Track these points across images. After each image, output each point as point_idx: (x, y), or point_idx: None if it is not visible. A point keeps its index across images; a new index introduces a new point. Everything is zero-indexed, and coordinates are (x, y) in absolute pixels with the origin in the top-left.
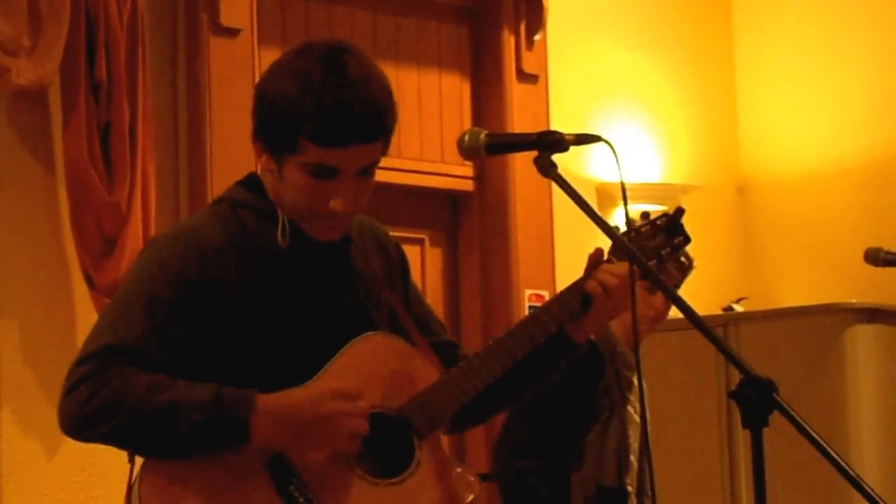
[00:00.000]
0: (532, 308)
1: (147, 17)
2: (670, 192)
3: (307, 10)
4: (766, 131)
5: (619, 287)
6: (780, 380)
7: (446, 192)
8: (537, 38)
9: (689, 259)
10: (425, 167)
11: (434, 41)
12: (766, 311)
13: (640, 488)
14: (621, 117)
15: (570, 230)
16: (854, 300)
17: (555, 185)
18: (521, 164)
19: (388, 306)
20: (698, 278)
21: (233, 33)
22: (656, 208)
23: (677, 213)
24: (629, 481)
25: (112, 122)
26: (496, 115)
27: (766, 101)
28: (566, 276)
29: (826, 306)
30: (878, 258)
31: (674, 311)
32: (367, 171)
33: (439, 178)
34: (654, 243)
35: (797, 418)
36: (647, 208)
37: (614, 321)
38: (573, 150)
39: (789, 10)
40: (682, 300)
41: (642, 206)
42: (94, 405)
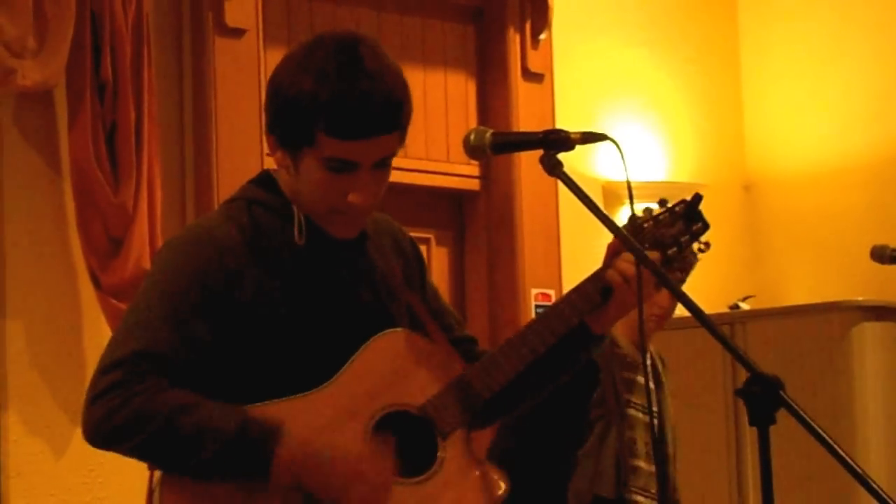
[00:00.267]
0: (539, 308)
1: (152, 17)
2: (676, 190)
3: (312, 11)
4: (771, 129)
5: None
6: (787, 378)
7: (452, 192)
8: (543, 37)
9: (706, 245)
10: (431, 166)
11: (439, 40)
12: (773, 309)
13: (662, 488)
14: (627, 116)
15: (577, 229)
16: (861, 298)
17: (561, 183)
18: (527, 164)
19: (406, 303)
20: (705, 276)
21: (238, 33)
22: (659, 212)
23: (695, 200)
24: (639, 486)
25: (118, 123)
26: (502, 115)
27: (772, 99)
28: (572, 275)
29: (833, 304)
30: (884, 256)
31: (680, 310)
32: (384, 163)
33: (445, 177)
34: (674, 231)
35: (804, 416)
36: (652, 207)
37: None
38: (579, 148)
39: (795, 8)
40: (688, 298)
41: (648, 205)
42: (120, 419)
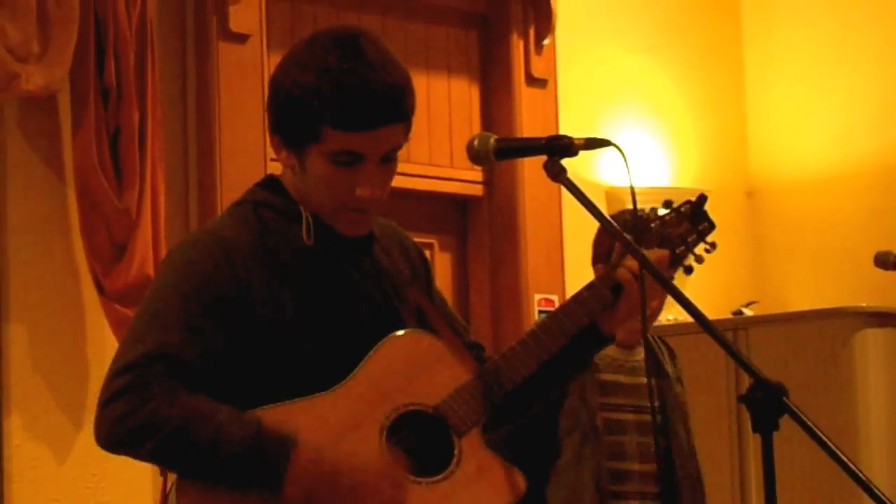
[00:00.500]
0: (542, 313)
1: (156, 22)
2: (679, 196)
3: (316, 16)
4: (775, 135)
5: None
6: (790, 384)
7: (455, 197)
8: (546, 42)
9: (712, 246)
10: (434, 172)
11: (443, 46)
12: (776, 315)
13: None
14: (630, 121)
15: (580, 235)
16: (864, 304)
17: (564, 189)
18: (531, 169)
19: (414, 304)
20: (708, 282)
21: (242, 39)
22: (665, 212)
23: (700, 200)
24: (633, 490)
25: (121, 128)
26: (505, 120)
27: (775, 104)
28: (576, 281)
29: (836, 310)
30: (887, 262)
31: (683, 315)
32: (390, 156)
33: (448, 182)
34: (680, 230)
35: (807, 422)
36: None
37: None
38: (582, 154)
39: (798, 14)
40: (692, 304)
41: (654, 207)
42: (133, 423)
